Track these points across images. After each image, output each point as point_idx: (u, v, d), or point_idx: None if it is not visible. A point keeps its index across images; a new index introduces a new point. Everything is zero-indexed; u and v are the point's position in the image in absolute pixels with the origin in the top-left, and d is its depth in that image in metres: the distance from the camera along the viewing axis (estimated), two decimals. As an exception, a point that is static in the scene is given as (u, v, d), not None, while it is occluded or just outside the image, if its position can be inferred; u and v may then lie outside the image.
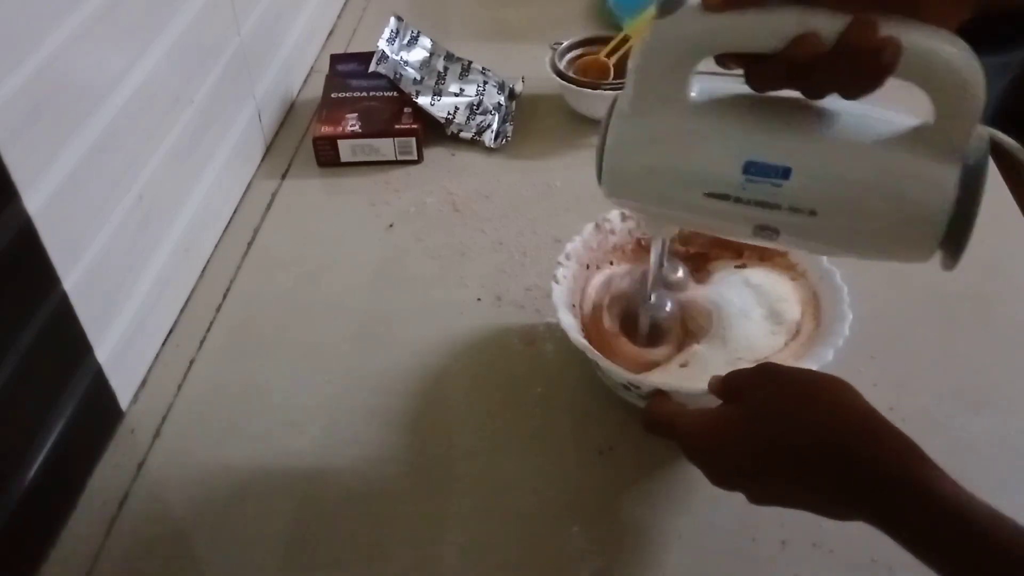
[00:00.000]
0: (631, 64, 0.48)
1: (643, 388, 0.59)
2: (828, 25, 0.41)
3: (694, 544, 0.57)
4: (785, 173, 0.46)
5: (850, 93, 0.44)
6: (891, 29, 0.40)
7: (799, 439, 0.46)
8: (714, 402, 0.53)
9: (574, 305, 0.66)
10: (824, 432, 0.46)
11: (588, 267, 0.69)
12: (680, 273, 0.64)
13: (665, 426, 0.54)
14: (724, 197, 0.48)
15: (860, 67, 0.41)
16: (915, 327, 0.71)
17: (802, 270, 0.66)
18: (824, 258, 0.65)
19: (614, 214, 0.70)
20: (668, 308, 0.64)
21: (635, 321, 0.64)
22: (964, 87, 0.41)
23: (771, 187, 0.46)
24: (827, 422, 0.46)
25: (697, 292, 0.67)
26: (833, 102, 0.46)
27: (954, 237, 0.44)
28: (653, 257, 0.60)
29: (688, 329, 0.65)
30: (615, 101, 0.50)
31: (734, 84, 0.48)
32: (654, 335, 0.64)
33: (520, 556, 0.56)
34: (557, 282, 0.65)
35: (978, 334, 0.71)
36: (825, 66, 0.42)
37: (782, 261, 0.68)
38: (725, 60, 0.46)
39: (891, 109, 0.46)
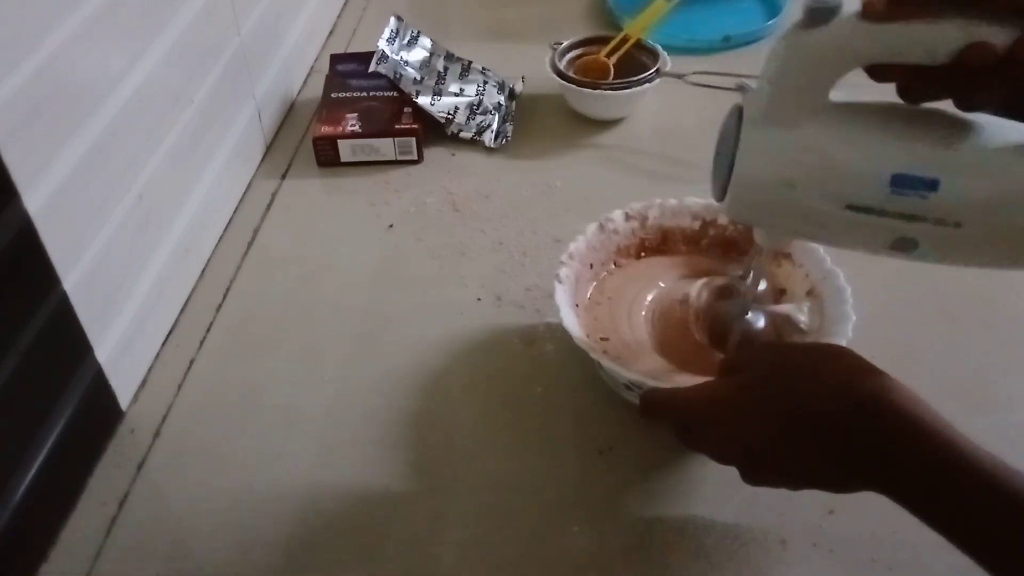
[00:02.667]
0: (767, 71, 0.47)
1: (645, 387, 0.59)
2: (998, 36, 0.41)
3: (694, 544, 0.57)
4: (933, 185, 0.45)
5: (1012, 105, 0.44)
6: None
7: (807, 402, 0.46)
8: None
9: (577, 304, 0.66)
10: (833, 394, 0.45)
11: (592, 266, 0.69)
12: (763, 285, 0.61)
13: (663, 405, 0.53)
14: (867, 210, 0.47)
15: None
16: (915, 327, 0.71)
17: (806, 271, 0.66)
18: (828, 259, 0.65)
19: (617, 214, 0.70)
20: (761, 324, 0.62)
21: (725, 336, 0.62)
22: None
23: (918, 199, 0.45)
24: (836, 384, 0.46)
25: (785, 307, 0.65)
26: (970, 113, 0.46)
27: None
28: (755, 270, 0.58)
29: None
30: (739, 112, 0.49)
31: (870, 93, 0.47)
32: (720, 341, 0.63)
33: (520, 556, 0.56)
34: (560, 281, 0.65)
35: (978, 334, 0.71)
36: (990, 78, 0.41)
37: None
38: (877, 70, 0.45)
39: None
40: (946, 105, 0.46)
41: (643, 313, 0.68)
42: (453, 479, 0.61)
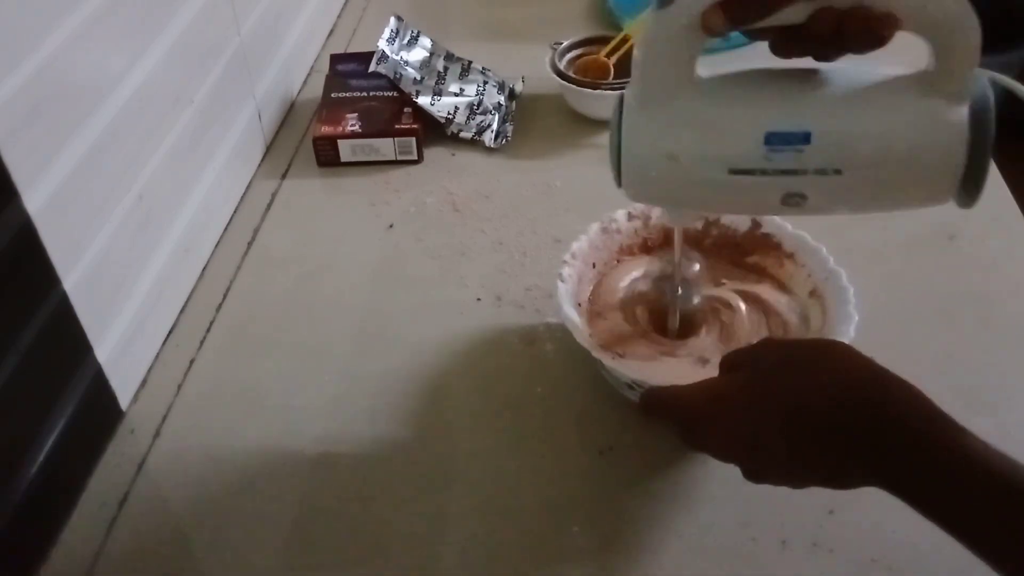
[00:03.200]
0: (636, 56, 0.49)
1: (647, 387, 0.59)
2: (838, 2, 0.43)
3: (694, 544, 0.57)
4: (806, 137, 0.47)
5: (861, 51, 0.45)
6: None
7: (808, 398, 0.46)
8: None
9: (579, 304, 0.66)
10: (835, 390, 0.45)
11: (594, 266, 0.69)
12: (696, 268, 0.63)
13: (664, 404, 0.54)
14: (749, 172, 0.48)
15: (869, 32, 0.44)
16: (915, 327, 0.71)
17: (808, 271, 0.66)
18: (831, 259, 0.65)
19: (620, 214, 0.70)
20: (696, 300, 0.64)
21: (664, 318, 0.65)
22: (961, 30, 0.44)
23: (794, 153, 0.47)
24: (837, 380, 0.46)
25: (722, 290, 0.67)
26: (834, 63, 0.48)
27: (971, 175, 0.46)
28: (676, 248, 0.60)
29: (724, 322, 0.65)
30: (621, 100, 0.51)
31: (735, 62, 0.49)
32: (686, 328, 0.65)
33: (520, 556, 0.56)
34: (563, 281, 0.65)
35: (978, 334, 0.71)
36: (838, 35, 0.44)
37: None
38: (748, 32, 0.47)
39: (881, 61, 0.48)
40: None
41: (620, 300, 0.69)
42: (453, 479, 0.61)
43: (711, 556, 0.56)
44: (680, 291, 0.63)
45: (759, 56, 0.49)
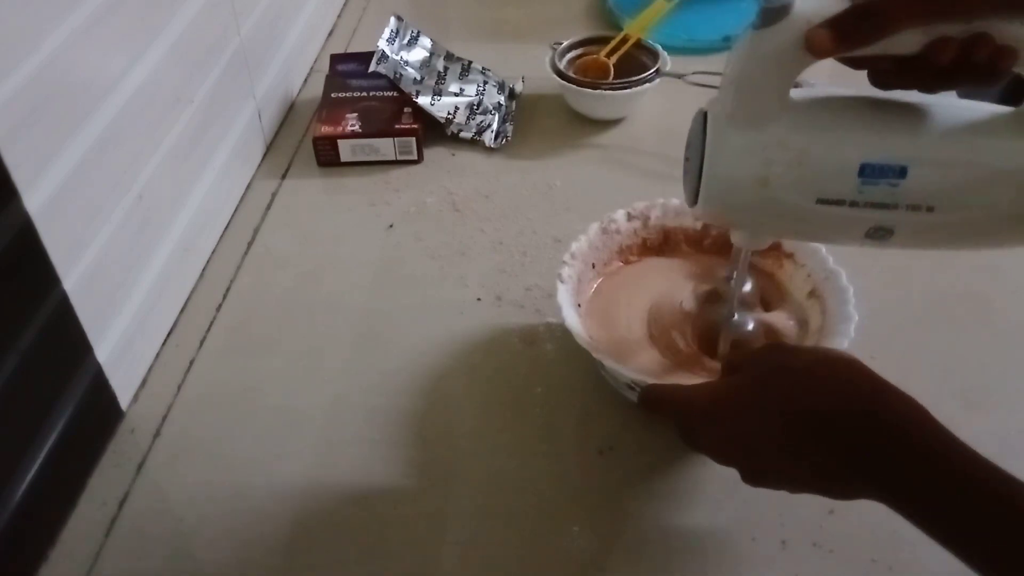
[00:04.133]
0: (728, 73, 0.47)
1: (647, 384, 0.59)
2: (955, 32, 0.42)
3: (694, 544, 0.57)
4: (902, 172, 0.46)
5: (973, 86, 0.45)
6: (1004, 29, 0.42)
7: (807, 405, 0.46)
8: None
9: (579, 305, 0.66)
10: (834, 400, 0.45)
11: (593, 266, 0.69)
12: (749, 287, 0.61)
13: (664, 401, 0.53)
14: (838, 202, 0.47)
15: (989, 64, 0.42)
16: (915, 327, 0.71)
17: (808, 271, 0.66)
18: (830, 259, 0.65)
19: (619, 214, 0.70)
20: (751, 327, 0.62)
21: (715, 341, 0.62)
22: None
23: (888, 187, 0.46)
24: (837, 390, 0.46)
25: (775, 314, 0.66)
26: (929, 97, 0.47)
27: None
28: (738, 272, 0.58)
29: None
30: (704, 116, 0.49)
31: (827, 87, 0.48)
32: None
33: (520, 556, 0.56)
34: (562, 282, 0.65)
35: (978, 334, 0.71)
36: (954, 67, 0.43)
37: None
38: (847, 59, 0.46)
39: (975, 101, 0.47)
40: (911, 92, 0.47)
41: (639, 312, 0.68)
42: (453, 479, 0.61)
43: (711, 556, 0.56)
44: (736, 316, 0.61)
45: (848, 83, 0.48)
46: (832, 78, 0.49)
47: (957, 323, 0.71)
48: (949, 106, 0.47)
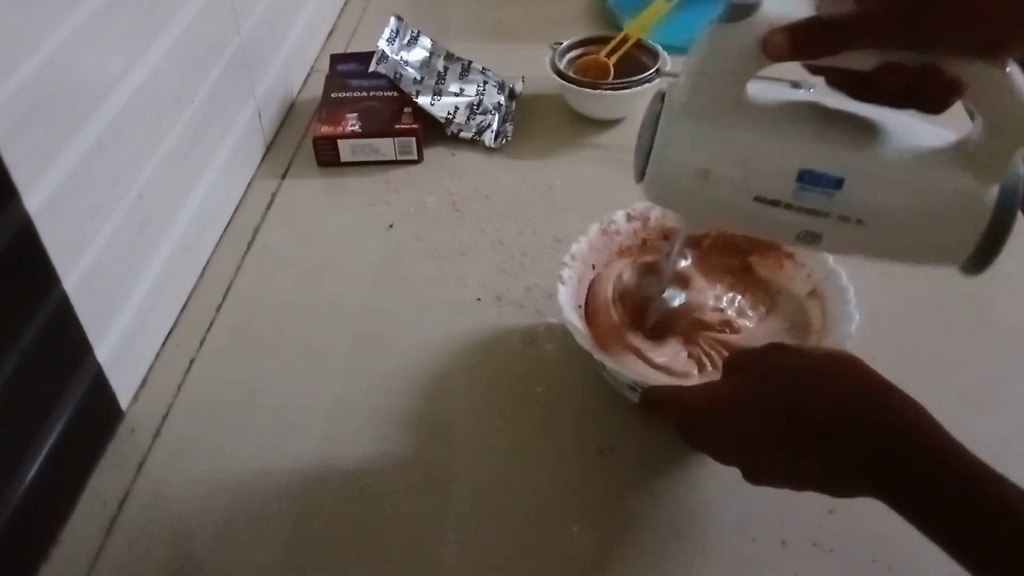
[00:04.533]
0: (688, 64, 0.48)
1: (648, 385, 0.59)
2: (909, 60, 0.43)
3: (694, 544, 0.57)
4: (838, 183, 0.47)
5: (920, 110, 0.45)
6: (954, 64, 0.42)
7: (810, 406, 0.46)
8: None
9: (579, 306, 0.66)
10: (836, 400, 0.45)
11: (593, 267, 0.69)
12: (687, 262, 0.63)
13: (665, 402, 0.53)
14: (774, 203, 0.48)
15: (934, 95, 0.44)
16: (915, 327, 0.71)
17: (808, 271, 0.66)
18: (830, 258, 0.65)
19: (619, 215, 0.70)
20: (678, 302, 0.64)
21: (642, 313, 0.65)
22: (1015, 116, 0.44)
23: (823, 196, 0.47)
24: (839, 390, 0.46)
25: (707, 293, 0.67)
26: (881, 110, 0.47)
27: (984, 254, 0.47)
28: (674, 251, 0.60)
29: (695, 320, 0.65)
30: (661, 98, 0.50)
31: (784, 89, 0.49)
32: (660, 328, 0.65)
33: (520, 556, 0.56)
34: (563, 283, 0.65)
35: (978, 334, 0.71)
36: (902, 92, 0.44)
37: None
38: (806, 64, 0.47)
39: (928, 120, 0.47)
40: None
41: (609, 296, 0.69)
42: (453, 479, 0.61)
43: (711, 556, 0.56)
44: (665, 291, 0.63)
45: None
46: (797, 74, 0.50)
47: (957, 323, 0.71)
48: (900, 124, 0.48)
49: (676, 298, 0.64)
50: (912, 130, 0.48)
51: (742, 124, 0.48)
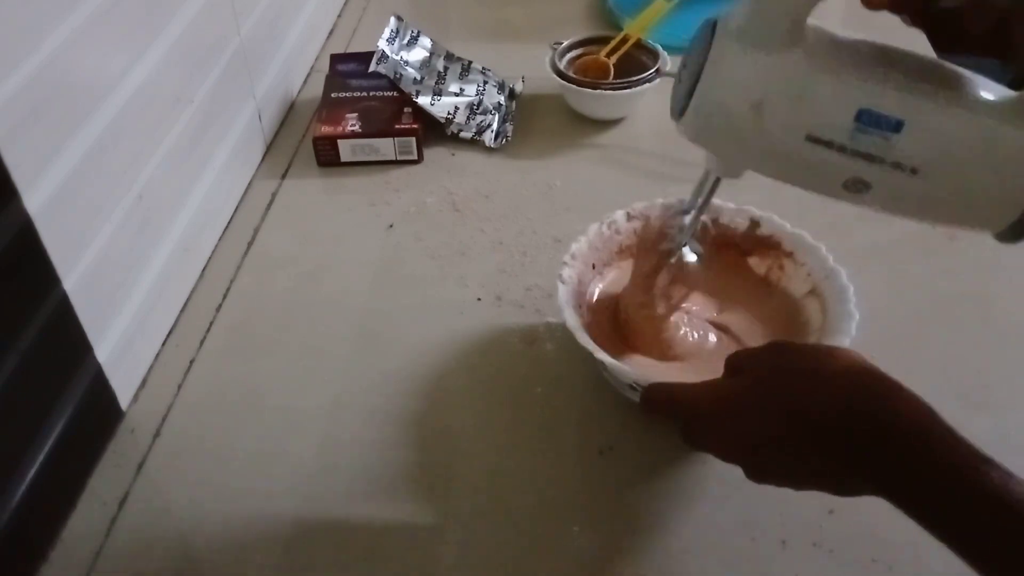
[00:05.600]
0: None
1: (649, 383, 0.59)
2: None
3: (694, 544, 0.57)
4: (897, 126, 0.45)
5: (994, 53, 0.44)
6: None
7: (812, 403, 0.45)
8: None
9: (580, 305, 0.66)
10: (838, 398, 0.45)
11: (594, 267, 0.69)
12: (695, 258, 0.61)
13: (665, 401, 0.53)
14: (828, 144, 0.46)
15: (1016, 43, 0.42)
16: (915, 327, 0.71)
17: (807, 270, 0.66)
18: (830, 257, 0.65)
19: (619, 214, 0.70)
20: (694, 258, 0.62)
21: (650, 249, 0.63)
22: None
23: (880, 139, 0.45)
24: (842, 388, 0.45)
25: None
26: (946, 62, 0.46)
27: None
28: (703, 200, 0.57)
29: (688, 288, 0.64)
30: (712, 27, 0.47)
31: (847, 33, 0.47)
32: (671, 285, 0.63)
33: (520, 556, 0.56)
34: (563, 283, 0.65)
35: (978, 334, 0.71)
36: (986, 34, 0.42)
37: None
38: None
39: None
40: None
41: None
42: (453, 479, 0.61)
43: (711, 556, 0.56)
44: (687, 243, 0.61)
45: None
46: (845, 26, 0.49)
47: (957, 323, 0.71)
48: (964, 74, 0.46)
49: (692, 256, 0.61)
50: (975, 82, 0.46)
51: (800, 57, 0.46)
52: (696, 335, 0.66)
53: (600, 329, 0.66)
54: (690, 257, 0.62)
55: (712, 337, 0.66)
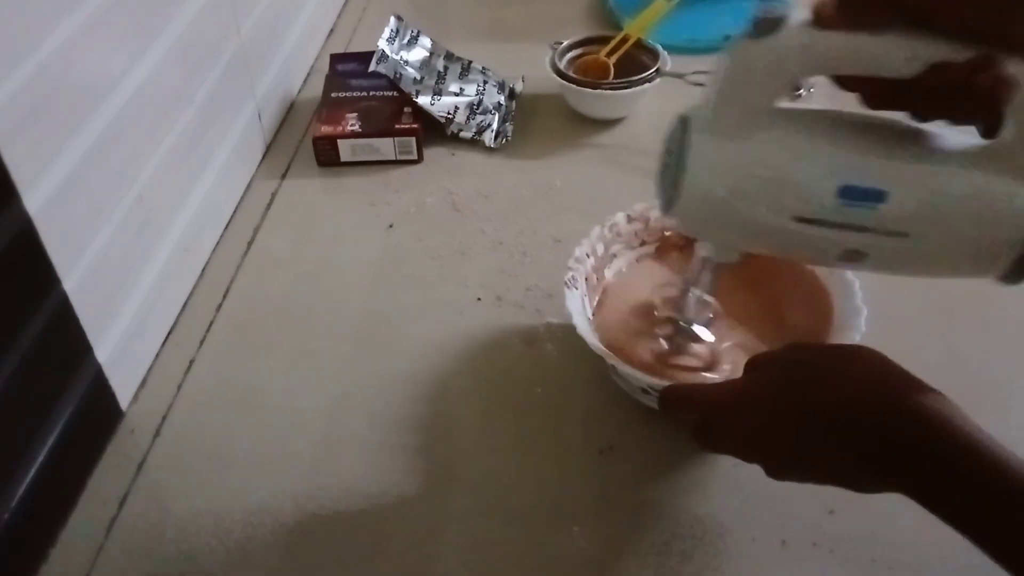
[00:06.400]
0: (714, 83, 0.47)
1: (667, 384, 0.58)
2: (953, 55, 0.41)
3: (694, 544, 0.56)
4: (880, 196, 0.46)
5: (961, 121, 0.45)
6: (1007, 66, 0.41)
7: (832, 401, 0.45)
8: None
9: (586, 307, 0.66)
10: (859, 393, 0.45)
11: (596, 269, 0.69)
12: (706, 333, 0.62)
13: (684, 399, 0.53)
14: (816, 222, 0.47)
15: (982, 100, 0.42)
16: (915, 327, 0.71)
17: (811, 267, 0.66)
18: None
19: (619, 216, 0.70)
20: (704, 335, 0.62)
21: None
22: None
23: (866, 210, 0.46)
24: (859, 384, 0.45)
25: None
26: (907, 120, 0.47)
27: None
28: (698, 279, 0.58)
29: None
30: (684, 123, 0.48)
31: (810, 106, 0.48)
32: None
33: (520, 556, 0.56)
34: (570, 287, 0.64)
35: (978, 334, 0.71)
36: (949, 95, 0.43)
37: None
38: (840, 79, 0.46)
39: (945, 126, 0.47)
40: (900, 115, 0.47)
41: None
42: (453, 479, 0.61)
43: (711, 556, 0.56)
44: (695, 328, 0.61)
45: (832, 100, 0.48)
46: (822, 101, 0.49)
47: (957, 323, 0.71)
48: (933, 134, 0.47)
49: (702, 330, 0.62)
50: (941, 136, 0.47)
51: (776, 141, 0.47)
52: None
53: (608, 331, 0.66)
54: (702, 332, 0.62)
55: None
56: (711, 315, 0.61)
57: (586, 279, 0.67)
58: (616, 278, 0.71)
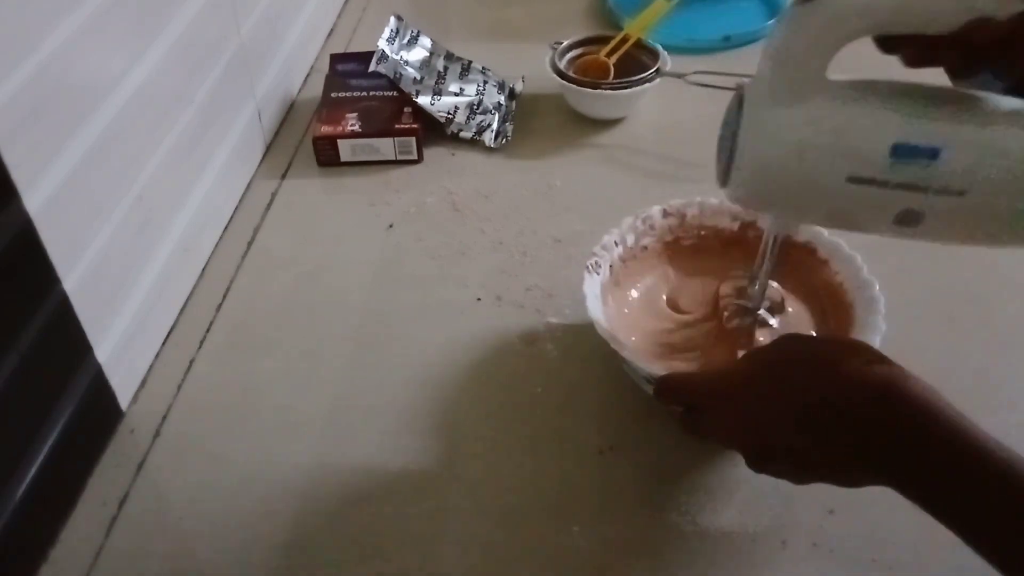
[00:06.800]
0: (768, 49, 0.48)
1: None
2: (998, 10, 0.42)
3: (694, 544, 0.57)
4: (933, 153, 0.46)
5: (1007, 77, 0.45)
6: None
7: (821, 391, 0.46)
8: None
9: (606, 297, 0.66)
10: (847, 384, 0.45)
11: (622, 260, 0.69)
12: (768, 306, 0.62)
13: (678, 386, 0.54)
14: (869, 181, 0.47)
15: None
16: (915, 327, 0.71)
17: (839, 280, 0.67)
18: (864, 268, 0.65)
19: (655, 209, 0.70)
20: (774, 323, 0.63)
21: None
22: None
23: (919, 168, 0.46)
24: (850, 374, 0.45)
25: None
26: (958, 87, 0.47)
27: None
28: (764, 261, 0.58)
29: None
30: (740, 95, 0.49)
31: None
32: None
33: (520, 556, 0.56)
34: (589, 272, 0.65)
35: (978, 334, 0.71)
36: (992, 53, 0.43)
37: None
38: (883, 41, 0.47)
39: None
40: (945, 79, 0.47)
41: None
42: (453, 479, 0.61)
43: (711, 556, 0.56)
44: (760, 309, 0.62)
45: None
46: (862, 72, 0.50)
47: (957, 323, 0.71)
48: (986, 96, 0.47)
49: (771, 317, 0.63)
50: (988, 98, 0.47)
51: (827, 103, 0.47)
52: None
53: (636, 327, 0.66)
54: (771, 320, 0.63)
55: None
56: (778, 300, 0.63)
57: (610, 266, 0.67)
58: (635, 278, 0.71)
